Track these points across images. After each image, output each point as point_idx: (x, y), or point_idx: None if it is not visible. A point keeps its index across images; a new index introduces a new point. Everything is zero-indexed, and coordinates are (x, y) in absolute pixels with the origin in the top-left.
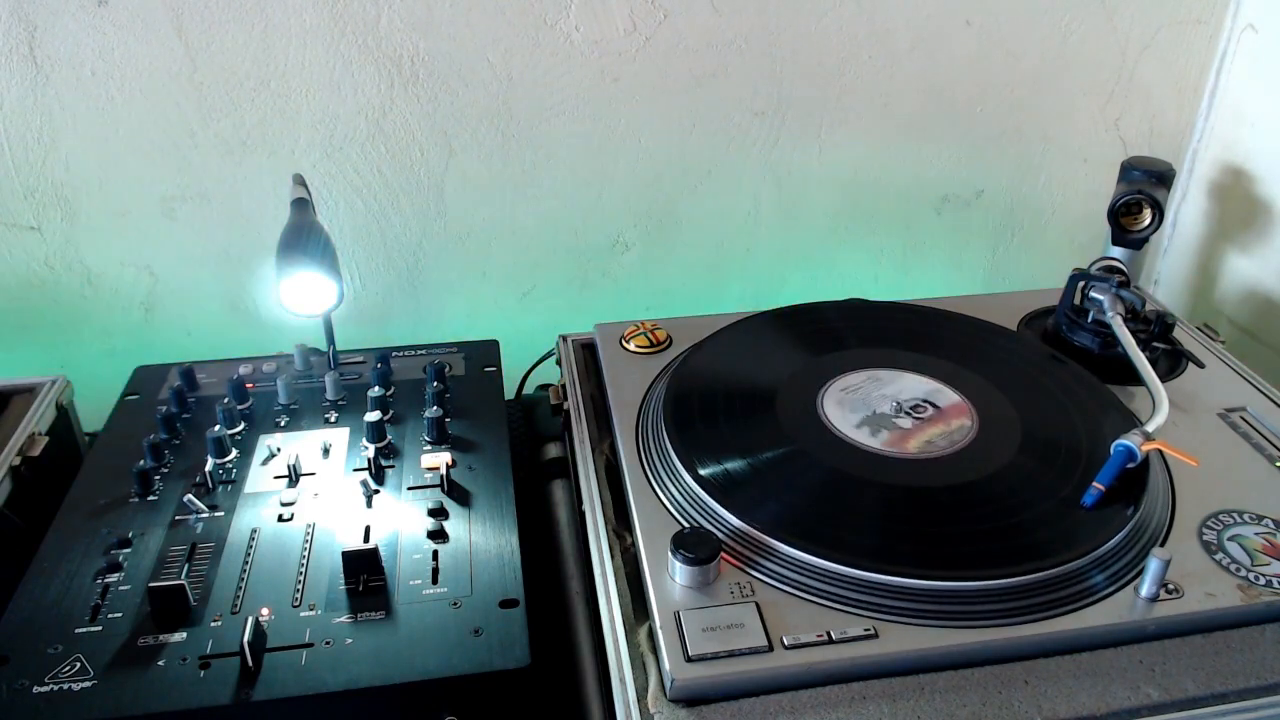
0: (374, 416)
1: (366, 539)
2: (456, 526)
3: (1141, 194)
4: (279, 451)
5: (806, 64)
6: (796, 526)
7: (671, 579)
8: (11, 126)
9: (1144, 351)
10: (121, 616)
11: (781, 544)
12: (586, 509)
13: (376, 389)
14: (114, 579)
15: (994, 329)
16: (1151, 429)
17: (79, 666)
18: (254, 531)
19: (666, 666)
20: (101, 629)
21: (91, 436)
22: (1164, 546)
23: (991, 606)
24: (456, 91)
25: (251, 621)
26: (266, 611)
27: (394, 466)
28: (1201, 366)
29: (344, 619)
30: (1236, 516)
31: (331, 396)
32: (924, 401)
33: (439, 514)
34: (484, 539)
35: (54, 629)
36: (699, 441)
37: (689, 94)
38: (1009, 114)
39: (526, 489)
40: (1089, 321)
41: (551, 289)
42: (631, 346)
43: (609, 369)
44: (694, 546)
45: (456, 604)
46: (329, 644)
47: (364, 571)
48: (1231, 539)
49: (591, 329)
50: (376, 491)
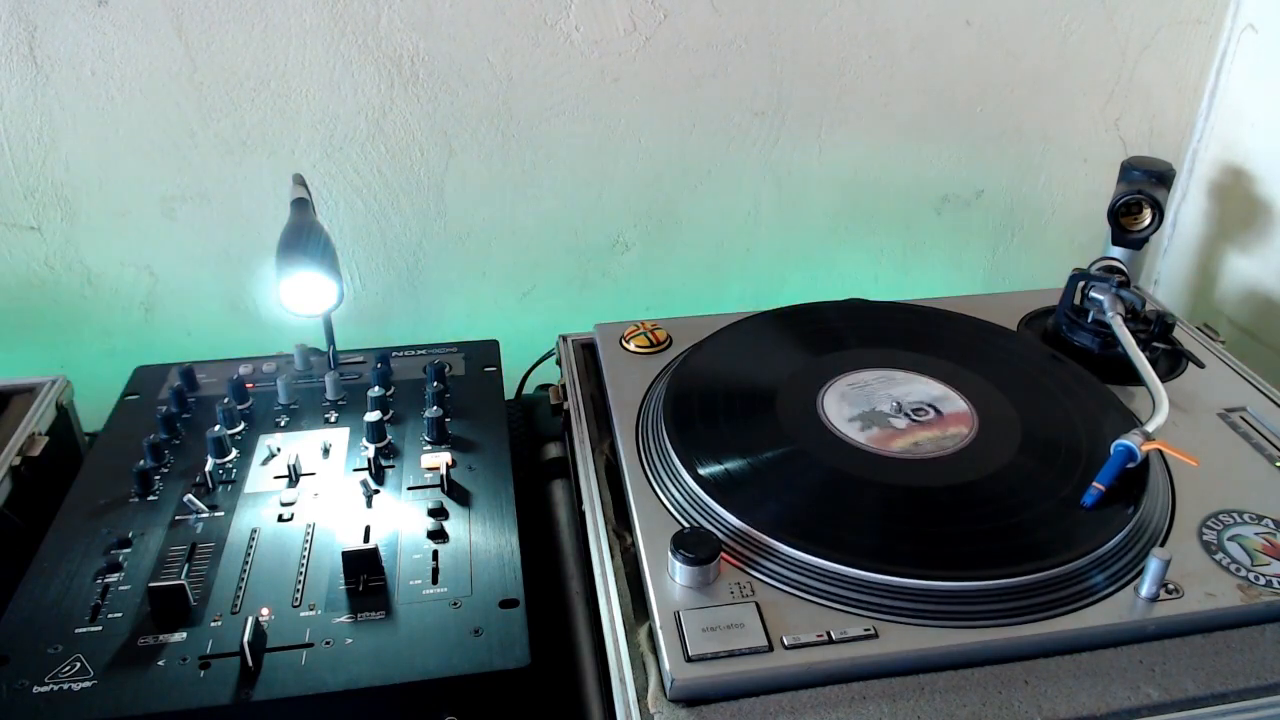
0: (374, 416)
1: (366, 539)
2: (456, 526)
3: (1141, 194)
4: (279, 451)
5: (806, 64)
6: (796, 526)
7: (671, 579)
8: (11, 126)
9: (1144, 351)
10: (121, 616)
11: (781, 544)
12: (586, 509)
13: (376, 389)
14: (114, 579)
15: (994, 329)
16: (1151, 429)
17: (79, 666)
18: (254, 531)
19: (666, 666)
20: (101, 629)
21: (91, 436)
22: (1164, 546)
23: (991, 606)
24: (456, 91)
25: (251, 621)
26: (266, 611)
27: (394, 466)
28: (1201, 366)
29: (344, 619)
30: (1236, 516)
31: (331, 396)
32: (927, 405)
33: (439, 514)
34: (484, 539)
35: (54, 629)
36: (699, 441)
37: (689, 94)
38: (1009, 114)
39: (526, 489)
40: (1089, 321)
41: (551, 289)
42: (631, 346)
43: (609, 369)
44: (694, 546)
45: (456, 604)
46: (329, 644)
47: (364, 571)
48: (1231, 539)
49: (591, 329)
50: (376, 491)
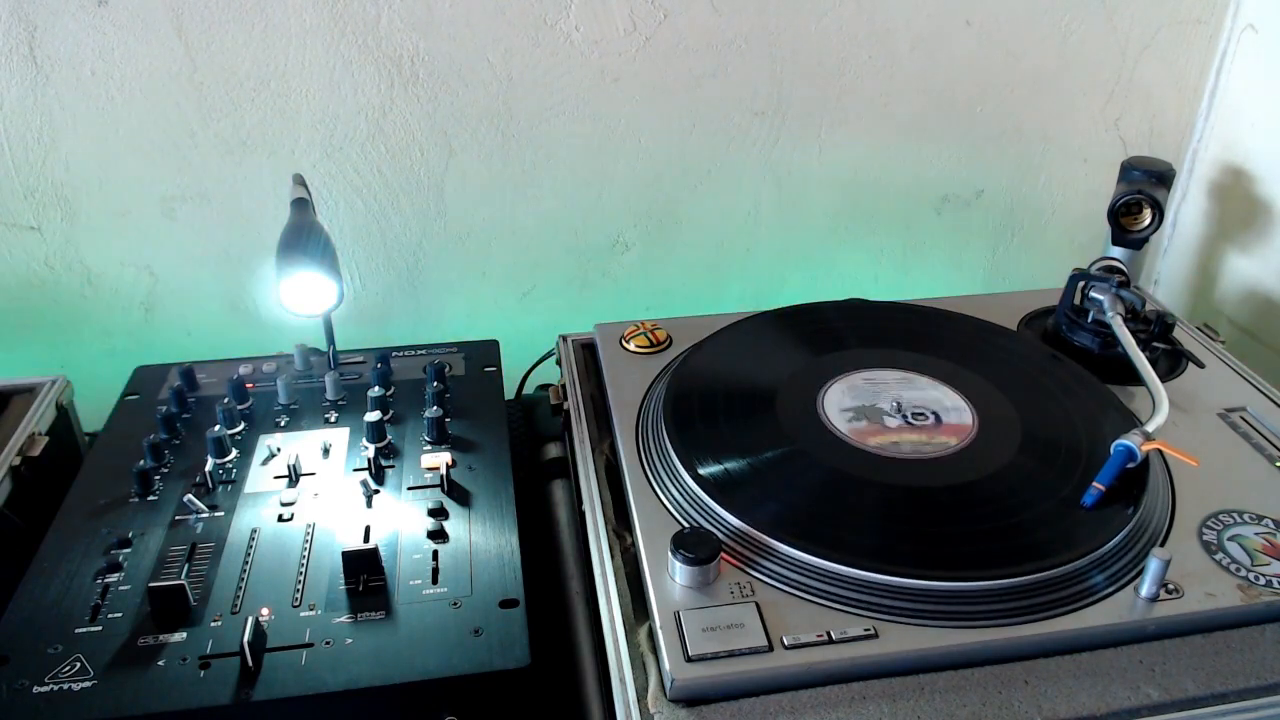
0: (374, 416)
1: (366, 539)
2: (456, 526)
3: (1141, 194)
4: (279, 451)
5: (806, 64)
6: (796, 526)
7: (671, 579)
8: (11, 126)
9: (1144, 351)
10: (121, 616)
11: (781, 544)
12: (586, 509)
13: (376, 389)
14: (114, 579)
15: (994, 329)
16: (1151, 429)
17: (79, 666)
18: (254, 531)
19: (666, 666)
20: (101, 629)
21: (91, 436)
22: (1164, 546)
23: (991, 606)
24: (456, 91)
25: (251, 621)
26: (266, 611)
27: (394, 466)
28: (1201, 366)
29: (344, 619)
30: (1236, 516)
31: (331, 396)
32: (928, 410)
33: (439, 514)
34: (484, 539)
35: (54, 629)
36: (699, 441)
37: (689, 94)
38: (1009, 114)
39: (526, 489)
40: (1089, 321)
41: (551, 289)
42: (631, 346)
43: (609, 369)
44: (694, 546)
45: (456, 604)
46: (329, 644)
47: (364, 571)
48: (1231, 539)
49: (591, 329)
50: (376, 491)
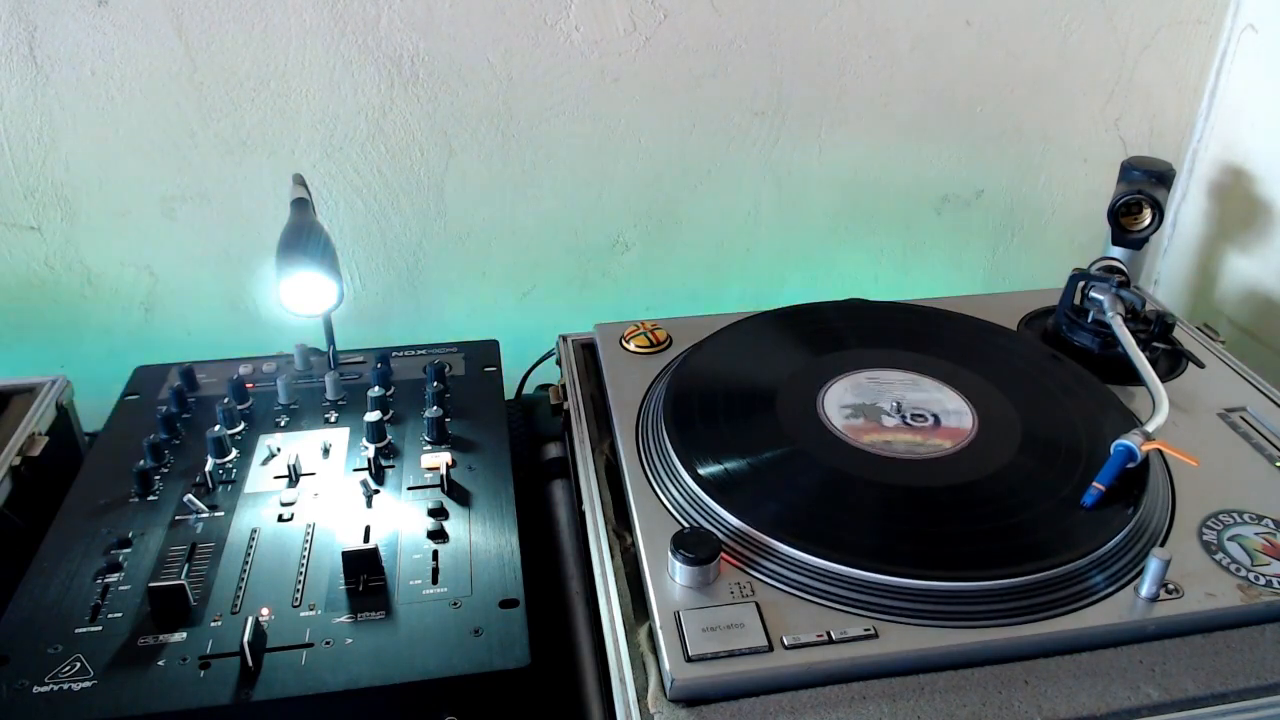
0: (374, 416)
1: (366, 539)
2: (456, 526)
3: (1141, 194)
4: (279, 451)
5: (806, 64)
6: (796, 526)
7: (671, 579)
8: (11, 126)
9: (1144, 351)
10: (121, 616)
11: (781, 544)
12: (586, 509)
13: (376, 389)
14: (114, 579)
15: (994, 329)
16: (1151, 429)
17: (79, 666)
18: (254, 531)
19: (666, 666)
20: (101, 629)
21: (91, 436)
22: (1164, 546)
23: (991, 606)
24: (456, 91)
25: (251, 621)
26: (266, 611)
27: (394, 466)
28: (1201, 366)
29: (344, 619)
30: (1236, 516)
31: (331, 396)
32: (928, 411)
33: (439, 514)
34: (484, 539)
35: (54, 629)
36: (699, 441)
37: (689, 94)
38: (1009, 114)
39: (526, 489)
40: (1089, 321)
41: (551, 289)
42: (631, 346)
43: (609, 369)
44: (694, 546)
45: (456, 604)
46: (329, 644)
47: (364, 571)
48: (1231, 539)
49: (591, 329)
50: (376, 491)
